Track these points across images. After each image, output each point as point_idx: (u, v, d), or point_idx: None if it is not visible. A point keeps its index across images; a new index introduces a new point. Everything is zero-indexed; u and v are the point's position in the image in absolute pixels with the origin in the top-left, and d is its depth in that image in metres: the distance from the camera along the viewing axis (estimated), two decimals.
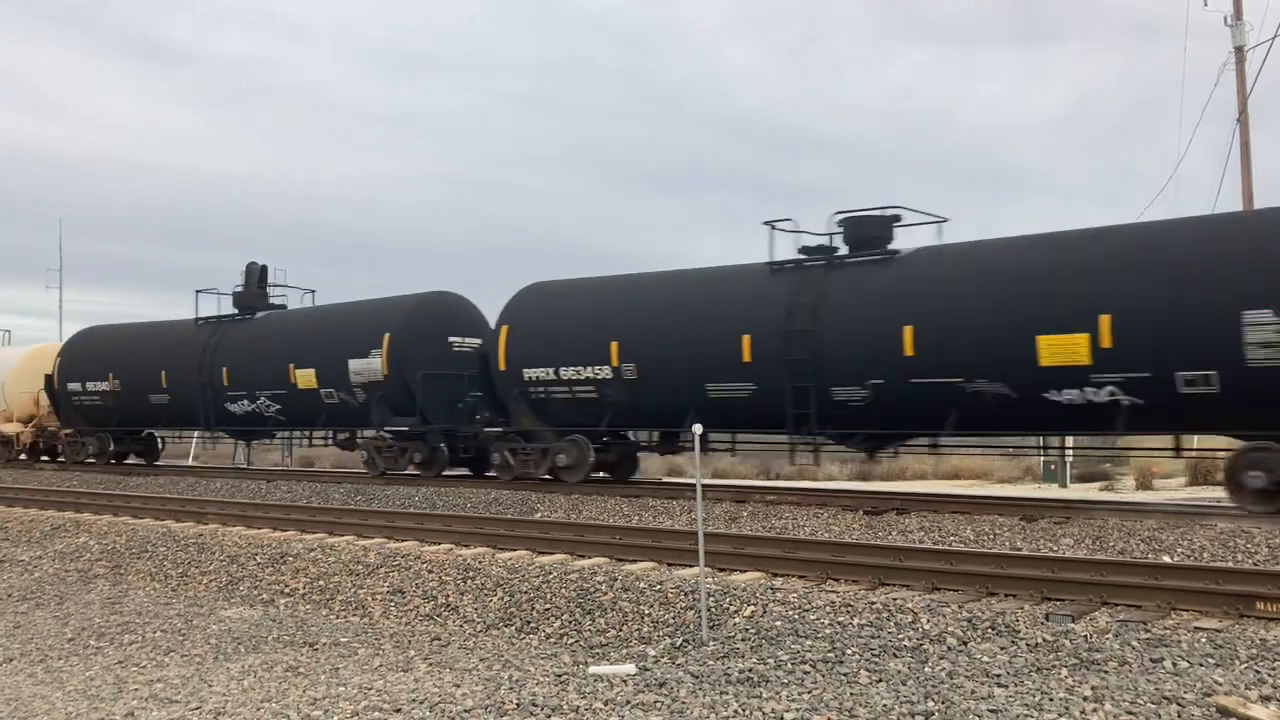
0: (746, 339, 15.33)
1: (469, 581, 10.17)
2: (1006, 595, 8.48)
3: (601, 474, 18.54)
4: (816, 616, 7.87)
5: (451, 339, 19.96)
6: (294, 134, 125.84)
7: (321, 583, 11.01)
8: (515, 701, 6.14)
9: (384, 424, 20.05)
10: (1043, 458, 24.90)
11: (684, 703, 5.99)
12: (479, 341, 19.85)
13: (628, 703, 6.04)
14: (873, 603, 8.06)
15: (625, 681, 6.57)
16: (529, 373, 17.77)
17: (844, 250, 15.78)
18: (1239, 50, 23.65)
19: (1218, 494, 19.95)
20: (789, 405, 14.97)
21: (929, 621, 7.52)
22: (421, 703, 6.34)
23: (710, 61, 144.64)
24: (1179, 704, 5.55)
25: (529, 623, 9.16)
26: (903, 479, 26.73)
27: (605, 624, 8.80)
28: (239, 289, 24.13)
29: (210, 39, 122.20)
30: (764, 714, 5.72)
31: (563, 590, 9.50)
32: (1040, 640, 6.95)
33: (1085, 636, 6.99)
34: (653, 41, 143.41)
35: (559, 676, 6.91)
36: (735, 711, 5.77)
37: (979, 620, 7.46)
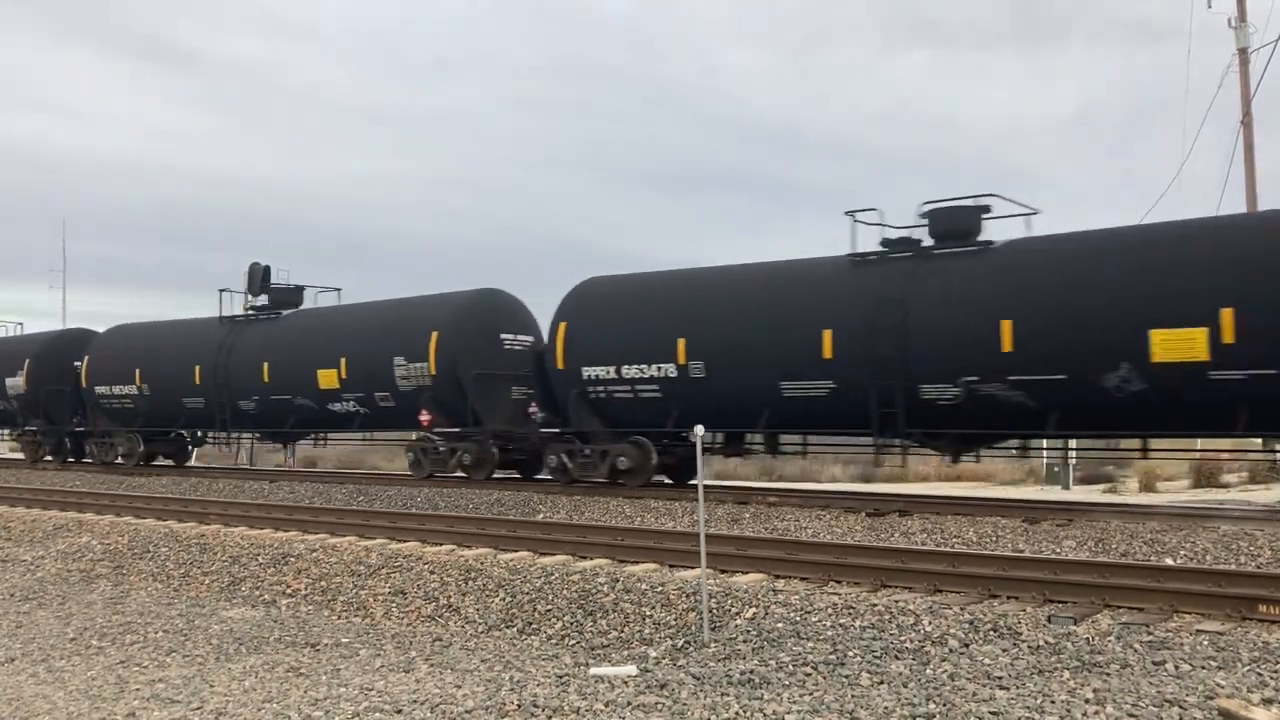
0: (265, 366, 22.35)
1: (471, 582, 10.17)
2: (1009, 597, 8.46)
3: (167, 460, 26.65)
4: (818, 618, 7.87)
5: (75, 364, 27.30)
6: (295, 134, 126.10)
7: (323, 583, 11.02)
8: (516, 703, 6.14)
9: (27, 424, 29.08)
10: (1045, 460, 24.91)
11: (685, 704, 5.98)
12: None
13: (629, 704, 6.04)
14: (875, 605, 8.06)
15: (626, 683, 6.57)
16: (99, 389, 25.81)
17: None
18: (1242, 52, 23.62)
19: (1221, 496, 20.01)
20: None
21: (931, 623, 7.52)
22: (423, 704, 6.34)
23: (713, 64, 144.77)
24: (1181, 707, 5.54)
25: (530, 624, 9.16)
26: (905, 481, 26.68)
27: (607, 625, 8.80)
28: None
29: (214, 40, 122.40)
30: (765, 716, 5.71)
31: (564, 591, 9.50)
32: (1042, 642, 6.94)
33: (1087, 639, 6.98)
34: (657, 44, 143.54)
35: (560, 678, 6.91)
36: (736, 713, 5.76)
37: (981, 622, 7.45)
